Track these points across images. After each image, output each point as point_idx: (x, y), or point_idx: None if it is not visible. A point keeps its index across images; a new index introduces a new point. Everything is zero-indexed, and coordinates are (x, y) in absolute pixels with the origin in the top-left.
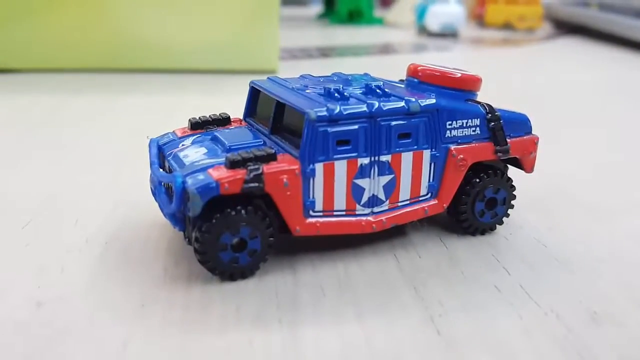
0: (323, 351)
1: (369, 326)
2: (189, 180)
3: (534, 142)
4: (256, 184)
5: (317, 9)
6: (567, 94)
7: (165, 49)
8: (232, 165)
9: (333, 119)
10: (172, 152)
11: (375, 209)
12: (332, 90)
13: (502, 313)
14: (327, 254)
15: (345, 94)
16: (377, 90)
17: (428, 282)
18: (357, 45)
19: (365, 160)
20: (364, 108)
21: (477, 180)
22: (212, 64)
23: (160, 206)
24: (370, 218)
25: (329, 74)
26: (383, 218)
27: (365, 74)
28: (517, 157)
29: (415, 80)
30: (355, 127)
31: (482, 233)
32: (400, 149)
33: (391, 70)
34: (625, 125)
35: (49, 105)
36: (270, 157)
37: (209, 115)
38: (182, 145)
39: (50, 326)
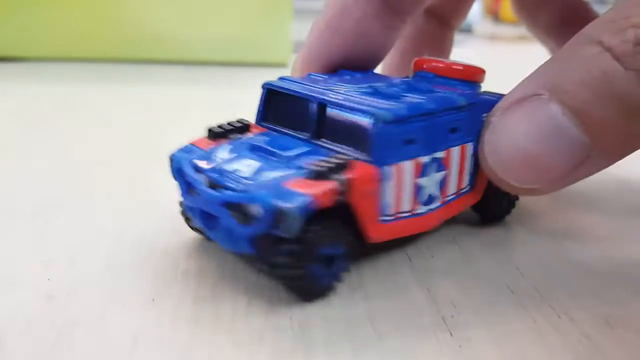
0: (333, 350)
1: (380, 326)
2: (281, 199)
3: None
4: (345, 195)
5: None
6: None
7: (177, 41)
8: (317, 176)
9: (401, 119)
10: (211, 167)
11: (432, 206)
12: (380, 89)
13: (516, 315)
14: None
15: (391, 92)
16: (418, 87)
17: (441, 282)
18: None
19: (426, 159)
20: (424, 106)
21: None
22: (224, 56)
23: (218, 234)
24: (427, 216)
25: (337, 73)
26: (437, 214)
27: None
28: None
29: (430, 74)
30: (418, 125)
31: (498, 220)
32: (451, 144)
33: None
34: None
35: (61, 95)
36: (349, 165)
37: (228, 123)
38: (219, 158)
39: (60, 319)
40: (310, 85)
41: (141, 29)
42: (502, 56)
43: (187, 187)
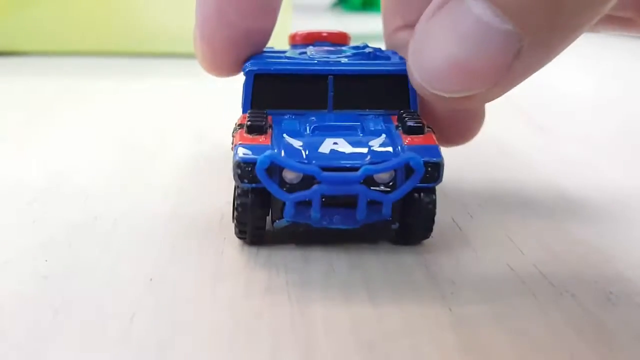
0: (333, 327)
1: (379, 303)
2: (427, 155)
3: None
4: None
5: None
6: (580, 87)
7: (179, 34)
8: (417, 130)
9: None
10: (308, 156)
11: None
12: (367, 53)
13: (516, 292)
14: (337, 231)
15: (380, 54)
16: (376, 52)
17: (439, 260)
18: (371, 33)
19: None
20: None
21: None
22: None
23: (351, 216)
24: None
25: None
26: None
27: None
28: None
29: (327, 43)
30: None
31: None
32: None
33: None
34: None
35: (61, 88)
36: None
37: (254, 115)
38: (297, 146)
39: (56, 299)
40: (306, 60)
41: (143, 22)
42: None
43: (281, 182)
